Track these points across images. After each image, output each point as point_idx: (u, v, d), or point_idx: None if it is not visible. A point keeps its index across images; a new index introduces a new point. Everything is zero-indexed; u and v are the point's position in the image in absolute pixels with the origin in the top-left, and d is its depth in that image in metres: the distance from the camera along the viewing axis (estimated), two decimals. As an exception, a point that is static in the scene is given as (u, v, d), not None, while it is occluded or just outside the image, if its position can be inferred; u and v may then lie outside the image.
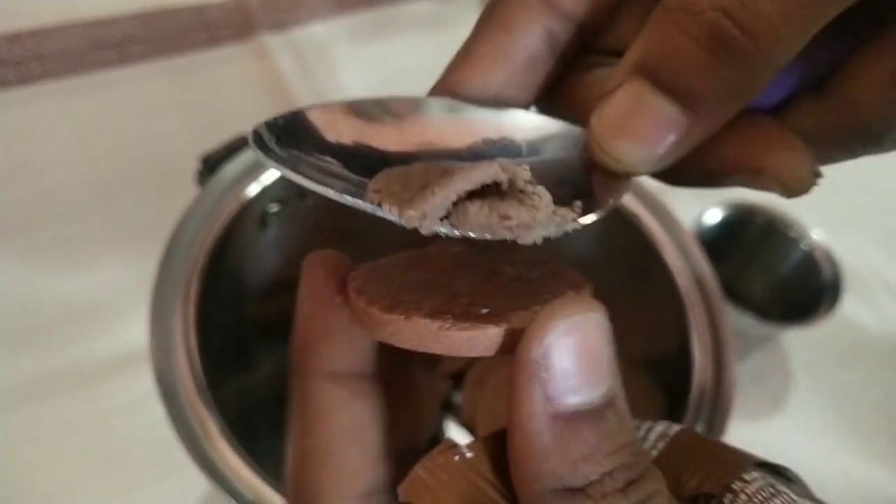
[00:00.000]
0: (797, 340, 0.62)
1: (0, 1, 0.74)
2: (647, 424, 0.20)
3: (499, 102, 0.21)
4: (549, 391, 0.15)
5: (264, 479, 0.27)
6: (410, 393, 0.22)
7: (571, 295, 0.18)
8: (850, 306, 0.60)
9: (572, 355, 0.15)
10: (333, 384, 0.18)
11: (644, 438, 0.19)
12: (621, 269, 0.40)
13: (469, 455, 0.17)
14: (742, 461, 0.18)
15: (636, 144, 0.18)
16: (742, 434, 0.59)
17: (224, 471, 0.27)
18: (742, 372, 0.60)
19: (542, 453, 0.15)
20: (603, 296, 0.38)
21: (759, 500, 0.17)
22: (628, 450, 0.15)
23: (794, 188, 0.20)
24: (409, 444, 0.22)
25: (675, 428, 0.19)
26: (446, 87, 0.21)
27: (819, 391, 0.60)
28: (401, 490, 0.16)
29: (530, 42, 0.20)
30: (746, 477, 0.17)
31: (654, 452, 0.19)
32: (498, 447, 0.17)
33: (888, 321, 0.65)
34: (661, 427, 0.19)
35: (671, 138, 0.17)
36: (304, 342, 0.19)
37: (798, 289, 0.59)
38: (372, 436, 0.18)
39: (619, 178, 0.20)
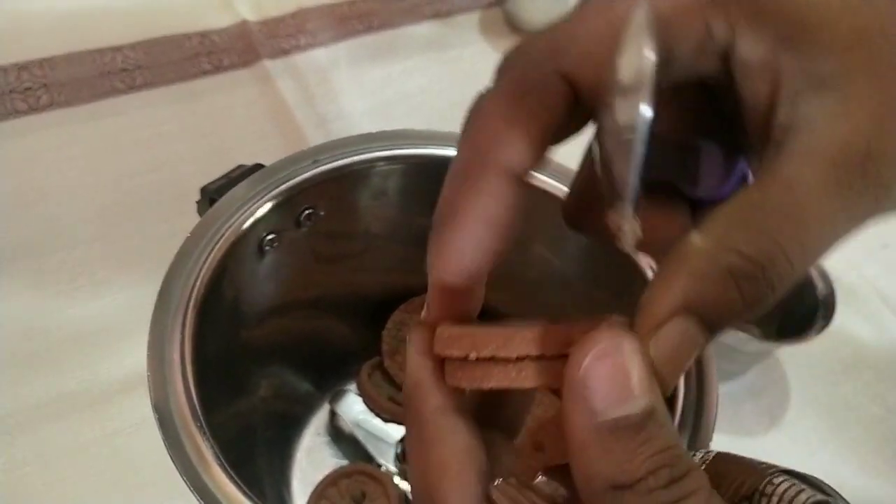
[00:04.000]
0: (793, 355, 0.62)
1: (8, 31, 0.76)
2: (689, 453, 0.21)
3: None
4: (592, 406, 0.18)
5: (254, 501, 0.28)
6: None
7: (608, 325, 0.20)
8: (846, 320, 0.61)
9: (607, 376, 0.18)
10: (444, 416, 0.22)
11: None
12: (605, 288, 0.41)
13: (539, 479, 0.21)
14: (772, 468, 0.20)
15: (680, 370, 0.21)
16: (739, 449, 0.59)
17: (218, 497, 0.28)
18: (738, 387, 0.60)
19: (592, 458, 0.18)
20: (587, 313, 0.39)
21: (788, 498, 0.19)
22: (669, 453, 0.18)
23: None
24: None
25: (713, 452, 0.22)
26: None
27: (815, 406, 0.61)
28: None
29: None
30: (775, 480, 0.19)
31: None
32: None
33: (884, 334, 0.65)
34: (700, 454, 0.22)
35: (692, 360, 0.21)
36: (416, 385, 0.22)
37: (793, 305, 0.59)
38: (479, 457, 0.21)
39: None
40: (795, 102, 0.20)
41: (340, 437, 0.51)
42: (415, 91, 0.77)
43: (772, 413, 0.60)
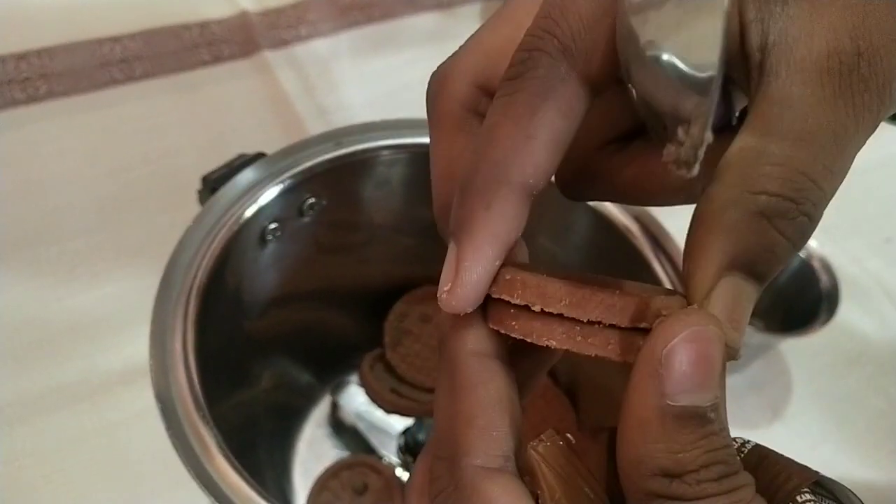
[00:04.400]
0: (796, 348, 0.62)
1: (6, 21, 0.75)
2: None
3: None
4: (665, 388, 0.17)
5: (260, 493, 0.28)
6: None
7: (696, 307, 0.19)
8: (850, 313, 0.61)
9: (690, 361, 0.17)
10: (479, 361, 0.21)
11: None
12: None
13: (573, 441, 0.20)
14: (800, 480, 0.19)
15: (742, 333, 0.20)
16: (742, 442, 0.59)
17: (222, 486, 0.28)
18: (741, 380, 0.60)
19: (649, 440, 0.17)
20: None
21: None
22: (725, 451, 0.18)
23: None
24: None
25: (751, 444, 0.21)
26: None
27: (818, 399, 0.60)
28: (529, 448, 0.19)
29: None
30: (799, 499, 0.19)
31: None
32: (597, 442, 0.20)
33: (887, 328, 0.65)
34: (737, 443, 0.21)
35: (749, 316, 0.20)
36: (451, 327, 0.21)
37: (796, 297, 0.59)
38: (512, 407, 0.20)
39: None
40: (763, 19, 0.19)
41: (342, 428, 0.50)
42: (416, 82, 0.76)
43: (774, 406, 0.60)
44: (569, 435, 0.20)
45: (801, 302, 0.58)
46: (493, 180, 0.21)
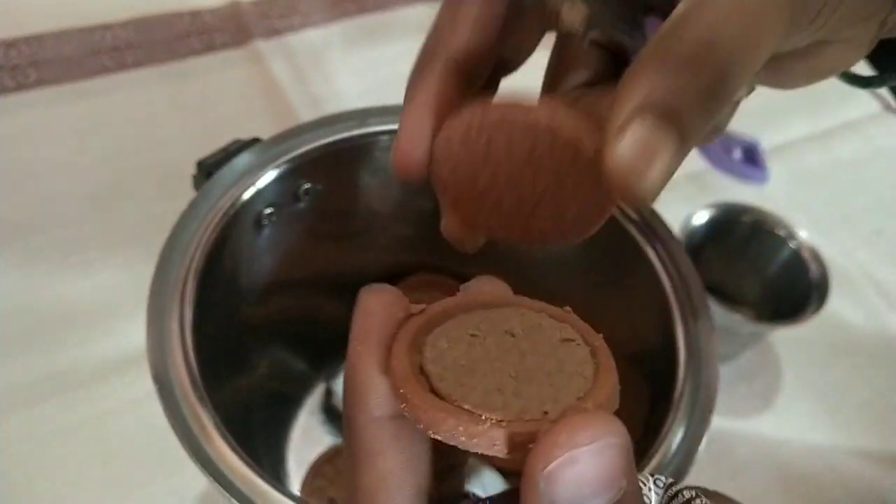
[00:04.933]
0: (786, 338, 0.62)
1: (-3, 8, 0.75)
2: (674, 489, 0.20)
3: None
4: (554, 501, 0.16)
5: (260, 475, 0.28)
6: None
7: (586, 413, 0.18)
8: (838, 304, 0.61)
9: (578, 478, 0.16)
10: (377, 427, 0.19)
11: None
12: (607, 268, 0.41)
13: None
14: None
15: (649, 175, 0.20)
16: (731, 431, 0.60)
17: (220, 466, 0.28)
18: (732, 370, 0.61)
19: None
20: (591, 295, 0.39)
21: None
22: None
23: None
24: (453, 461, 0.23)
25: (698, 502, 0.20)
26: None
27: (807, 388, 0.61)
28: None
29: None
30: None
31: None
32: None
33: (875, 319, 0.66)
34: (684, 497, 0.20)
35: (670, 168, 0.20)
36: (352, 384, 0.20)
37: (786, 287, 0.59)
38: (415, 473, 0.20)
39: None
40: None
41: (336, 415, 0.50)
42: (407, 73, 0.76)
43: (765, 395, 0.60)
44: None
45: (791, 292, 0.58)
46: (427, 56, 0.25)
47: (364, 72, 0.77)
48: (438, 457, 0.21)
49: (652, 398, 0.34)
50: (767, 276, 0.61)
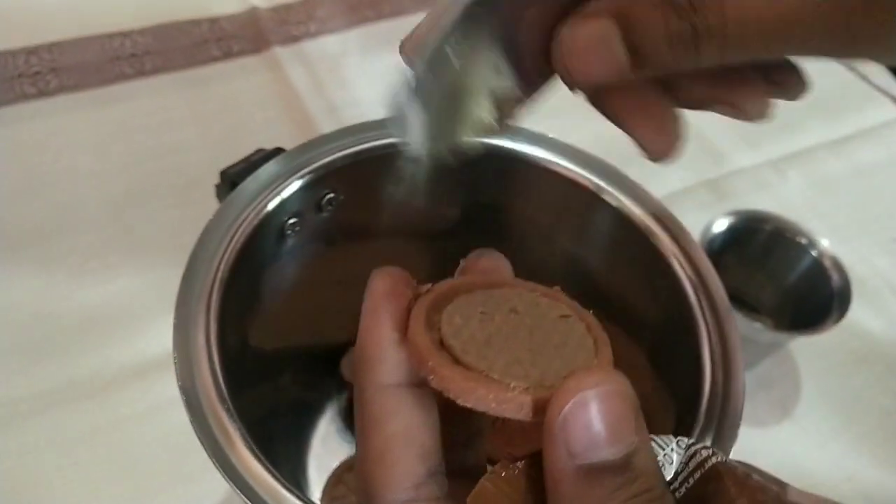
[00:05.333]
0: (805, 347, 0.62)
1: (17, 16, 0.75)
2: (693, 448, 0.21)
3: None
4: (571, 450, 0.18)
5: (284, 485, 0.28)
6: None
7: (594, 365, 0.20)
8: (859, 313, 0.61)
9: (591, 422, 0.18)
10: (385, 395, 0.21)
11: (686, 464, 0.21)
12: (631, 279, 0.41)
13: (520, 469, 0.20)
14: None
15: (587, 68, 0.23)
16: (751, 440, 0.59)
17: (245, 476, 0.28)
18: (750, 378, 0.60)
19: (565, 497, 0.18)
20: (615, 305, 0.39)
21: None
22: (645, 497, 0.18)
23: (757, 120, 0.27)
24: (473, 429, 0.25)
25: (713, 460, 0.20)
26: None
27: (827, 397, 0.61)
28: (469, 500, 0.19)
29: None
30: None
31: (691, 480, 0.20)
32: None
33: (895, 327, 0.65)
34: (701, 455, 0.21)
35: (610, 74, 0.23)
36: (362, 357, 0.21)
37: (806, 296, 0.59)
38: (420, 436, 0.21)
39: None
40: None
41: (356, 424, 0.50)
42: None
43: (783, 404, 0.60)
44: (519, 464, 0.20)
45: (811, 300, 0.58)
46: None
47: (382, 78, 0.77)
48: (455, 428, 0.23)
49: (678, 411, 0.33)
50: (787, 284, 0.61)
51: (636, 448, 0.18)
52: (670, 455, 0.21)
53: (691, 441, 0.21)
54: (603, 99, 0.26)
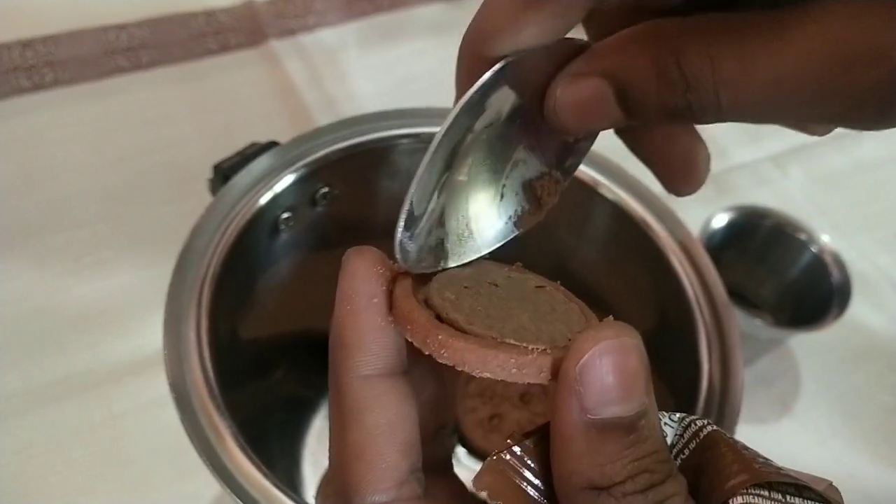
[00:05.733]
0: (805, 343, 0.62)
1: (12, 8, 0.75)
2: (686, 420, 0.21)
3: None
4: (585, 404, 0.17)
5: (275, 483, 0.28)
6: (439, 376, 0.24)
7: (609, 320, 0.20)
8: (859, 309, 0.61)
9: (606, 375, 0.18)
10: (366, 385, 0.20)
11: (680, 436, 0.21)
12: (630, 276, 0.40)
13: (531, 447, 0.19)
14: (742, 480, 0.18)
15: (582, 122, 0.22)
16: (750, 437, 0.58)
17: (236, 475, 0.28)
18: (750, 375, 0.60)
19: (575, 455, 0.17)
20: (613, 301, 0.38)
21: None
22: (652, 458, 0.18)
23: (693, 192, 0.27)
24: (441, 421, 0.23)
25: (708, 429, 0.20)
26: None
27: (827, 394, 0.60)
28: (474, 482, 0.19)
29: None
30: (739, 500, 0.18)
31: (686, 451, 0.20)
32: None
33: (896, 324, 0.65)
34: (696, 426, 0.21)
35: (605, 126, 0.23)
36: (339, 344, 0.20)
37: (807, 292, 0.59)
38: (403, 430, 0.20)
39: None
40: None
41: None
42: (423, 73, 0.76)
43: (783, 401, 0.60)
44: (528, 442, 0.19)
45: (811, 297, 0.58)
46: (471, 49, 0.22)
47: (379, 71, 0.77)
48: (424, 421, 0.21)
49: (677, 409, 0.33)
50: (788, 280, 0.60)
51: (646, 409, 0.18)
52: (663, 428, 0.21)
53: (682, 414, 0.21)
54: (624, 131, 0.26)
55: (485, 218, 0.24)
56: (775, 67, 0.19)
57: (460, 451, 0.48)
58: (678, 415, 0.21)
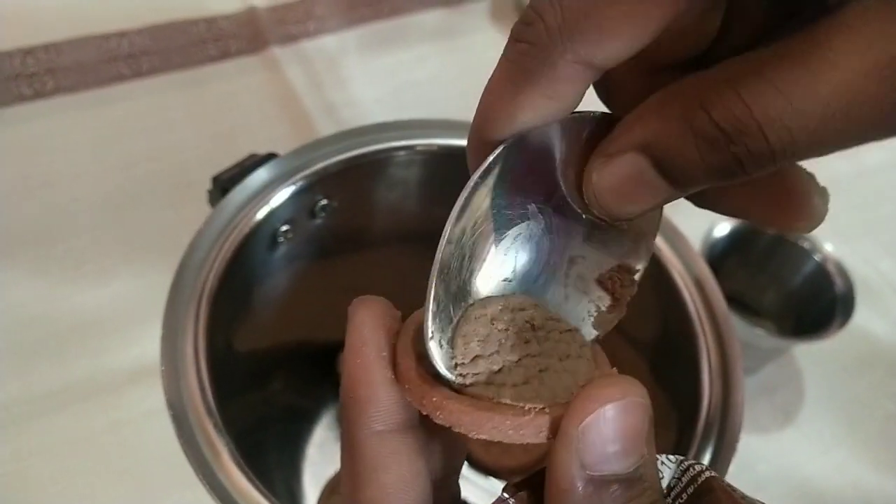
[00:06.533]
0: (808, 351, 0.61)
1: (13, 16, 0.75)
2: (685, 464, 0.21)
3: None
4: (584, 461, 0.17)
5: (272, 501, 0.28)
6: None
7: (614, 373, 0.20)
8: (862, 316, 0.60)
9: (608, 436, 0.17)
10: (380, 442, 0.20)
11: (678, 479, 0.21)
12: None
13: (522, 497, 0.19)
14: None
15: (628, 204, 0.21)
16: (754, 446, 0.59)
17: (232, 493, 0.27)
18: (753, 384, 0.60)
19: None
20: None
21: None
22: None
23: (813, 228, 0.23)
24: (452, 467, 0.23)
25: (706, 474, 0.20)
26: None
27: (830, 402, 0.60)
28: None
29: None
30: None
31: (685, 495, 0.20)
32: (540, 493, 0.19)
33: (900, 332, 0.64)
34: (694, 470, 0.20)
35: (655, 203, 0.21)
36: (351, 399, 0.20)
37: (810, 300, 0.58)
38: (416, 486, 0.20)
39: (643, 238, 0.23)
40: None
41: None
42: (424, 79, 0.76)
43: (786, 410, 0.59)
44: (522, 494, 0.19)
45: (814, 305, 0.57)
46: (476, 135, 0.21)
47: (380, 77, 0.77)
48: (436, 470, 0.22)
49: (679, 425, 0.33)
50: (790, 288, 0.60)
51: (645, 461, 0.18)
52: (662, 470, 0.21)
53: (681, 458, 0.21)
54: (715, 201, 0.23)
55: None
56: (819, 87, 0.17)
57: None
58: (676, 457, 0.21)
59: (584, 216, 0.22)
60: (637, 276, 0.23)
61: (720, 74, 0.18)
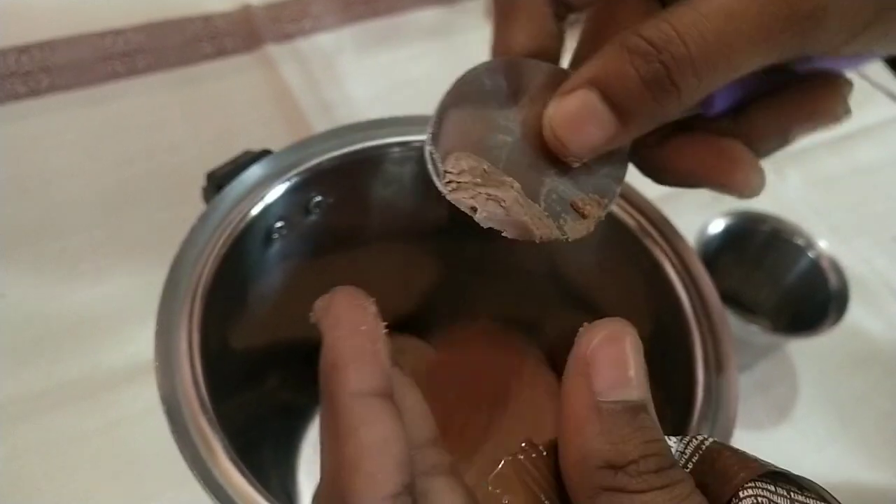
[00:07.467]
0: (803, 348, 0.62)
1: (8, 14, 0.75)
2: (687, 438, 0.22)
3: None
4: (595, 387, 0.19)
5: (268, 498, 0.28)
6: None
7: (612, 317, 0.21)
8: (857, 314, 0.60)
9: (613, 361, 0.19)
10: (360, 402, 0.20)
11: (682, 452, 0.21)
12: (624, 283, 0.40)
13: (544, 454, 0.21)
14: (747, 473, 0.19)
15: (579, 137, 0.25)
16: (748, 443, 0.58)
17: (228, 490, 0.27)
18: (748, 380, 0.60)
19: (589, 436, 0.19)
20: (607, 309, 0.38)
21: None
22: (660, 444, 0.19)
23: (750, 195, 0.31)
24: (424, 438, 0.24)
25: (709, 441, 0.21)
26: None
27: (825, 400, 0.60)
28: (490, 481, 0.20)
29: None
30: (741, 493, 0.19)
31: (690, 464, 0.21)
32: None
33: (894, 328, 0.65)
34: (697, 440, 0.21)
35: (604, 137, 0.25)
36: (332, 366, 0.21)
37: (804, 297, 0.58)
38: (396, 447, 0.20)
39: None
40: None
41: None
42: (420, 77, 0.76)
43: (781, 407, 0.60)
44: (541, 447, 0.21)
45: (809, 302, 0.57)
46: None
47: (376, 76, 0.77)
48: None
49: (673, 419, 0.33)
50: (785, 285, 0.60)
51: (648, 401, 0.20)
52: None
53: (682, 436, 0.22)
54: (671, 171, 0.30)
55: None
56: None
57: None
58: (675, 437, 0.22)
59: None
60: (606, 206, 0.27)
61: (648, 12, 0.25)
